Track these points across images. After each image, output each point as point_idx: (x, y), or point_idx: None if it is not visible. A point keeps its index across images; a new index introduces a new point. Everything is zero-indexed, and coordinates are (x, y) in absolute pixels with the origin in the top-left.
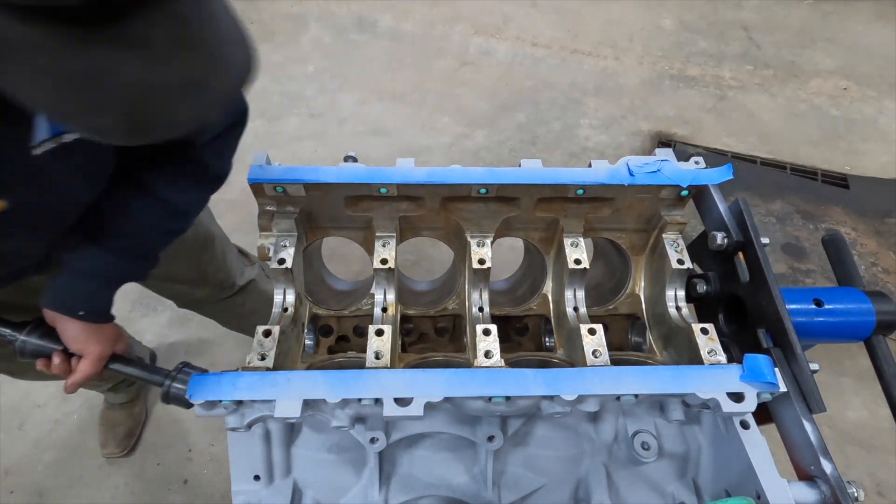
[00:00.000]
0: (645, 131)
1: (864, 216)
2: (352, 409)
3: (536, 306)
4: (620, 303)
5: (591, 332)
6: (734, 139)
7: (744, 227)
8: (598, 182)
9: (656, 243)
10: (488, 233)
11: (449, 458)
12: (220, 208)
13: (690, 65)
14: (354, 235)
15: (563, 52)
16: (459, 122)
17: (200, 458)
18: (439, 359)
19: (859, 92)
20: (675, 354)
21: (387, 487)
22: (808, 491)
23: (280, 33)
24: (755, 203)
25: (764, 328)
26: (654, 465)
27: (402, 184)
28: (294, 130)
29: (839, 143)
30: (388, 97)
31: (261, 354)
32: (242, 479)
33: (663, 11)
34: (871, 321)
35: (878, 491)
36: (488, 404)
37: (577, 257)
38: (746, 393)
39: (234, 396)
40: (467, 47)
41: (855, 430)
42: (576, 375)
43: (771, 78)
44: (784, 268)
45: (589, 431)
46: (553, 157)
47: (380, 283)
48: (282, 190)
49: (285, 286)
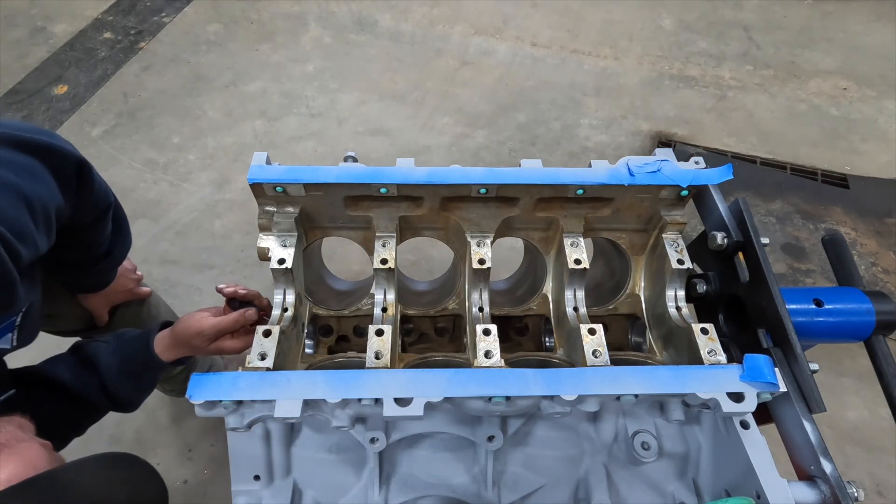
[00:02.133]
0: (645, 131)
1: (864, 216)
2: (352, 409)
3: (536, 306)
4: (620, 303)
5: (591, 332)
6: (734, 139)
7: (744, 227)
8: (598, 182)
9: (656, 243)
10: (488, 233)
11: (449, 458)
12: (221, 208)
13: (690, 65)
14: (354, 235)
15: (563, 52)
16: (459, 122)
17: (200, 458)
18: (439, 359)
19: (859, 92)
20: (675, 354)
21: (387, 487)
22: (808, 491)
23: (280, 33)
24: (755, 203)
25: (764, 328)
26: (654, 465)
27: (402, 184)
28: (294, 130)
29: (839, 143)
30: (388, 97)
31: (261, 354)
32: (242, 479)
33: (663, 11)
34: (871, 321)
35: (878, 491)
36: (488, 404)
37: (577, 257)
38: (746, 393)
39: (234, 396)
40: (467, 47)
41: (855, 430)
42: (576, 375)
43: (771, 78)
44: (784, 268)
45: (589, 431)
46: (553, 157)
47: (380, 283)
48: (282, 190)
49: (285, 286)
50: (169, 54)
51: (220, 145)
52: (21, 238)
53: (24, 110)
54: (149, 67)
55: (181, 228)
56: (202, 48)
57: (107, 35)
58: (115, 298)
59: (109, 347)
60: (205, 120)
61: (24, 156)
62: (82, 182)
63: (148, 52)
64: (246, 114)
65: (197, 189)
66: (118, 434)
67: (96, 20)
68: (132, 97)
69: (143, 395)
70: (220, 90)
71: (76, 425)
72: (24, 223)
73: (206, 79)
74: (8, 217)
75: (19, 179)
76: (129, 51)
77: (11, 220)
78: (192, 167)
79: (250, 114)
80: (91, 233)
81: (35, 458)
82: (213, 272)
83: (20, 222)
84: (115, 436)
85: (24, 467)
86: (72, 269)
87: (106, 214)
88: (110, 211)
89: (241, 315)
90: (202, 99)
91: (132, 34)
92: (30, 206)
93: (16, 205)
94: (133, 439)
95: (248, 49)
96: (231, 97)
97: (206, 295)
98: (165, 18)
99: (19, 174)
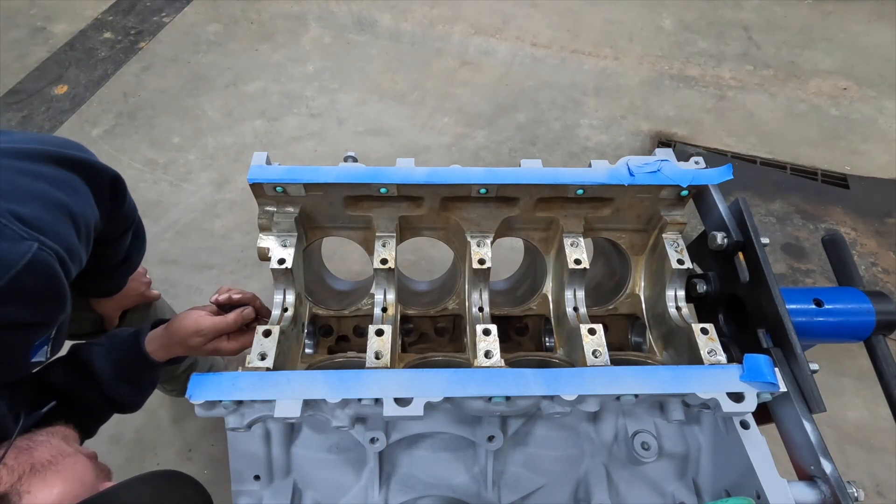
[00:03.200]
0: (645, 131)
1: (864, 216)
2: (352, 409)
3: (536, 306)
4: (620, 303)
5: (591, 332)
6: (734, 139)
7: (744, 227)
8: (598, 182)
9: (656, 243)
10: (488, 233)
11: (449, 458)
12: (220, 208)
13: (690, 65)
14: (354, 235)
15: (563, 52)
16: (459, 122)
17: (200, 458)
18: (439, 359)
19: (859, 92)
20: (675, 354)
21: (387, 487)
22: (808, 491)
23: (280, 33)
24: (755, 203)
25: (764, 328)
26: (654, 465)
27: (402, 184)
28: (294, 130)
29: (839, 143)
30: (388, 97)
31: (261, 354)
32: (242, 479)
33: (663, 11)
34: (871, 321)
35: (878, 491)
36: (488, 404)
37: (577, 257)
38: (746, 393)
39: (234, 396)
40: (467, 47)
41: (855, 430)
42: (576, 375)
43: (771, 78)
44: (784, 268)
45: (589, 431)
46: (553, 157)
47: (380, 283)
48: (282, 190)
49: (285, 286)
50: (169, 54)
51: (220, 145)
52: (71, 255)
53: (23, 110)
54: (149, 67)
55: (181, 228)
56: (202, 48)
57: (107, 35)
58: (126, 302)
59: (102, 350)
60: (205, 120)
61: (65, 172)
62: (116, 197)
63: (148, 52)
64: (246, 114)
65: (197, 189)
66: (118, 434)
67: (96, 20)
68: (132, 97)
69: (144, 395)
70: (220, 90)
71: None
72: (73, 241)
73: (206, 79)
74: (62, 236)
75: (65, 196)
76: (129, 51)
77: (64, 239)
78: (192, 167)
79: (250, 114)
80: (114, 245)
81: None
82: (213, 272)
83: (70, 240)
84: (115, 436)
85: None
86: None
87: (131, 228)
88: (134, 225)
89: (240, 315)
90: (202, 99)
91: (132, 34)
92: (75, 222)
93: (65, 222)
94: (133, 439)
95: (248, 49)
96: (231, 97)
97: (206, 295)
98: (165, 18)
99: (65, 191)
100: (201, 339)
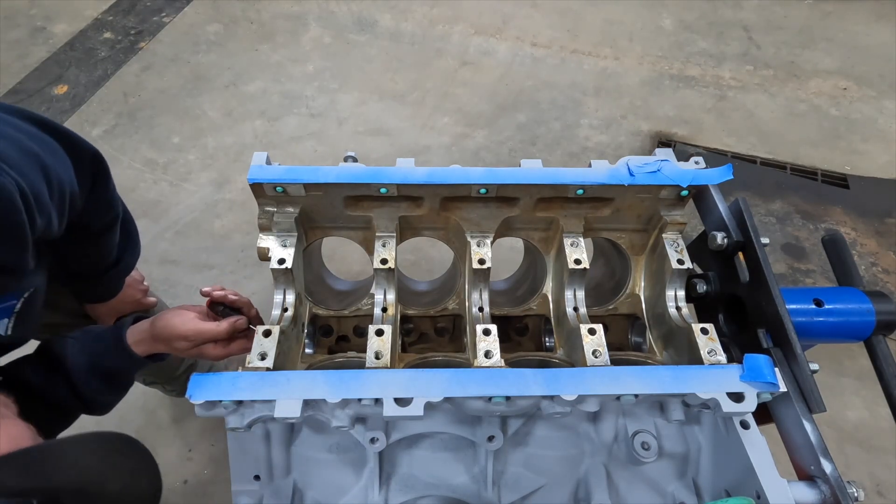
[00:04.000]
0: (645, 131)
1: (864, 216)
2: (352, 409)
3: (536, 306)
4: (620, 303)
5: (591, 332)
6: (734, 139)
7: (744, 227)
8: (598, 182)
9: (656, 243)
10: (488, 233)
11: (449, 458)
12: (221, 208)
13: (690, 65)
14: (354, 235)
15: (563, 52)
16: (459, 122)
17: (200, 458)
18: (439, 359)
19: (859, 92)
20: (675, 354)
21: (387, 487)
22: (808, 491)
23: (280, 33)
24: (755, 203)
25: (764, 328)
26: (654, 465)
27: (402, 184)
28: (294, 130)
29: (839, 143)
30: (388, 97)
31: (261, 354)
32: (242, 479)
33: (663, 11)
34: (871, 321)
35: (878, 491)
36: (488, 404)
37: (577, 257)
38: (746, 393)
39: (234, 396)
40: (467, 47)
41: (855, 430)
42: (576, 375)
43: (771, 78)
44: (784, 268)
45: (589, 431)
46: (553, 157)
47: (380, 283)
48: (282, 190)
49: (285, 286)
50: (169, 54)
51: (220, 145)
52: (37, 201)
53: None
54: (149, 67)
55: (181, 228)
56: (202, 48)
57: (107, 35)
58: (122, 309)
59: (77, 344)
60: (205, 120)
61: (46, 135)
62: (97, 176)
63: (148, 52)
64: (246, 114)
65: (197, 189)
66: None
67: (96, 20)
68: (132, 97)
69: (117, 396)
70: (220, 90)
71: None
72: (41, 189)
73: (206, 79)
74: (28, 178)
75: (40, 151)
76: (129, 51)
77: (31, 182)
78: (192, 167)
79: (250, 114)
80: (100, 241)
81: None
82: (213, 272)
83: (38, 186)
84: None
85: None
86: (81, 278)
87: (116, 222)
88: (119, 220)
89: (233, 325)
90: (202, 99)
91: (132, 34)
92: (47, 177)
93: (36, 171)
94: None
95: (248, 49)
96: (231, 97)
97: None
98: (165, 18)
99: (41, 147)
100: (187, 344)
